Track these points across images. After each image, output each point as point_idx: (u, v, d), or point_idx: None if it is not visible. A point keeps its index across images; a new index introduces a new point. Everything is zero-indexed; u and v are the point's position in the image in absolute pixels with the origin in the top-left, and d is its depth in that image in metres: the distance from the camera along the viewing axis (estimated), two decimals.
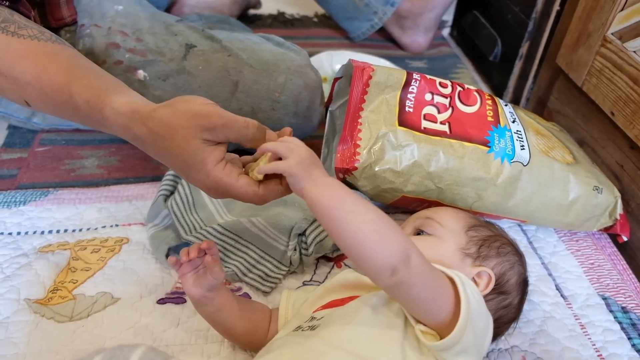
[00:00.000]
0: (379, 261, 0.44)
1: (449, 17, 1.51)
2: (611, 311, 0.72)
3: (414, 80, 0.74)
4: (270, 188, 0.54)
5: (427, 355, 0.48)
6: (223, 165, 0.53)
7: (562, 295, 0.74)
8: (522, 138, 0.75)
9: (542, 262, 0.79)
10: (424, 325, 0.48)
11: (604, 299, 0.74)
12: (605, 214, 0.79)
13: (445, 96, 0.75)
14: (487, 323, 0.51)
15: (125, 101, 0.56)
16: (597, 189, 0.77)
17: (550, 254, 0.81)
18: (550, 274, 0.77)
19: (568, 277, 0.77)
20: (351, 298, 0.55)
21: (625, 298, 0.74)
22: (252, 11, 1.51)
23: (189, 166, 0.53)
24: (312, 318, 0.54)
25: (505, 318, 0.59)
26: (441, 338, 0.47)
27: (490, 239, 0.60)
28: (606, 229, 0.81)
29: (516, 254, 0.61)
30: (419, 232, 0.61)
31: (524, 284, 0.61)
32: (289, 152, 0.49)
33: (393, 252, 0.44)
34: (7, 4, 0.67)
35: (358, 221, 0.45)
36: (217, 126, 0.52)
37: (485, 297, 0.56)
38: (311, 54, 1.23)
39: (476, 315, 0.47)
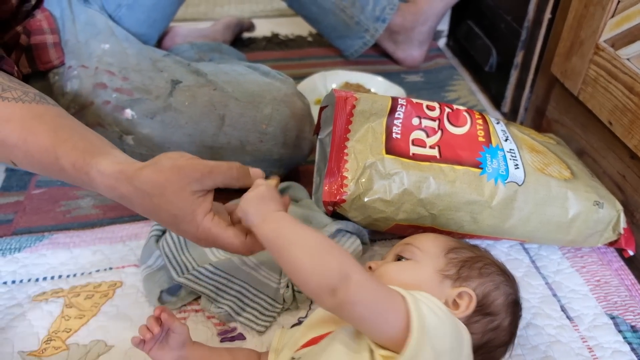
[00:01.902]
0: (315, 283, 0.46)
1: (444, 27, 1.50)
2: (620, 331, 0.70)
3: (399, 106, 0.73)
4: (257, 239, 0.55)
5: None
6: (211, 216, 0.56)
7: (567, 317, 0.72)
8: (515, 157, 0.73)
9: (546, 282, 0.77)
10: (385, 349, 0.47)
11: (612, 318, 0.72)
12: (608, 228, 0.76)
13: (433, 119, 0.73)
14: (456, 342, 0.49)
15: (111, 162, 0.57)
16: (597, 204, 0.75)
17: (554, 273, 0.78)
18: (554, 295, 0.75)
19: (574, 297, 0.75)
20: (328, 334, 0.54)
21: (634, 316, 0.72)
22: (246, 34, 1.51)
23: (179, 220, 0.56)
24: (292, 359, 0.54)
25: (496, 341, 0.57)
26: None
27: (471, 260, 0.59)
28: (611, 244, 0.79)
29: (502, 274, 0.60)
30: (399, 259, 0.61)
31: (513, 305, 0.59)
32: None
33: (329, 273, 0.46)
34: None
35: (296, 249, 0.48)
36: (204, 174, 0.55)
37: (470, 318, 0.55)
38: (306, 75, 1.23)
39: (435, 332, 0.46)
